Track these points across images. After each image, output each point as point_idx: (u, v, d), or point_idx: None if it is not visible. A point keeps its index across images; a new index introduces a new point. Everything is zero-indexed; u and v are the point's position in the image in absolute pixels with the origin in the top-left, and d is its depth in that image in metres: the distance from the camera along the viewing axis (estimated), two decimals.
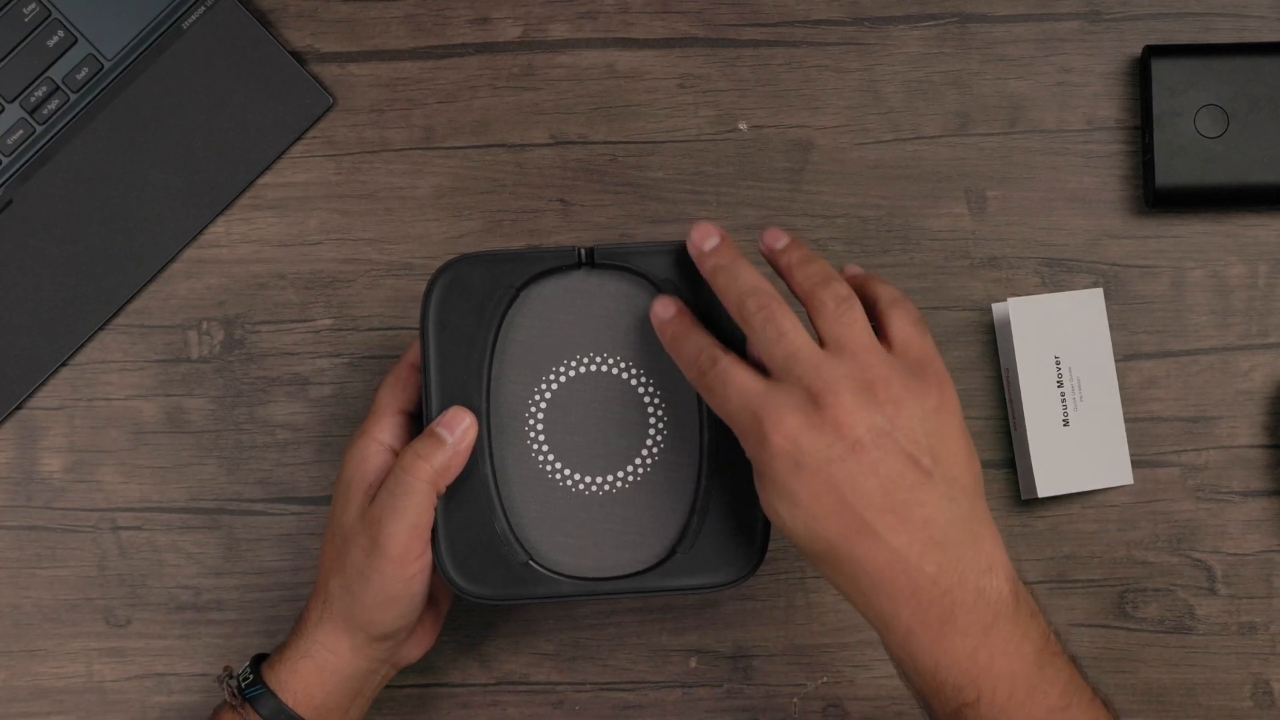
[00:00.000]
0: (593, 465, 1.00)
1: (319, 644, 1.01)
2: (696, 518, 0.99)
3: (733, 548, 0.99)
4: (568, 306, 1.00)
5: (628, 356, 1.00)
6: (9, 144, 1.13)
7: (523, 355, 1.00)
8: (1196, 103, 1.13)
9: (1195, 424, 1.14)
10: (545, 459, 0.99)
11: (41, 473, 1.14)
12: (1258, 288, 1.14)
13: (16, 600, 1.13)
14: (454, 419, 0.98)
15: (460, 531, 0.99)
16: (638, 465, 1.00)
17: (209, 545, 1.13)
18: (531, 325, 1.00)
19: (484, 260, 0.99)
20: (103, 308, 1.14)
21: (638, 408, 1.00)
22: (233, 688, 1.02)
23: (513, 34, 1.16)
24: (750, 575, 0.99)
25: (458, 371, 0.99)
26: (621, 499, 0.99)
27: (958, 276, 1.14)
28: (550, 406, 1.00)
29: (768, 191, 1.15)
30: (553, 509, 0.99)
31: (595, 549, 0.99)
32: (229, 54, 1.14)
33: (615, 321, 1.00)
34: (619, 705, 1.13)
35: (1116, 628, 1.13)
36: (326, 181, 1.15)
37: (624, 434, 1.00)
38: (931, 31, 1.16)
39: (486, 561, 0.99)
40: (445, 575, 0.99)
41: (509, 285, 0.99)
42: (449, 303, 0.99)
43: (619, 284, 1.00)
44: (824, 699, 1.13)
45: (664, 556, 0.99)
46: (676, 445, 1.00)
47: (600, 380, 1.00)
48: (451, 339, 0.99)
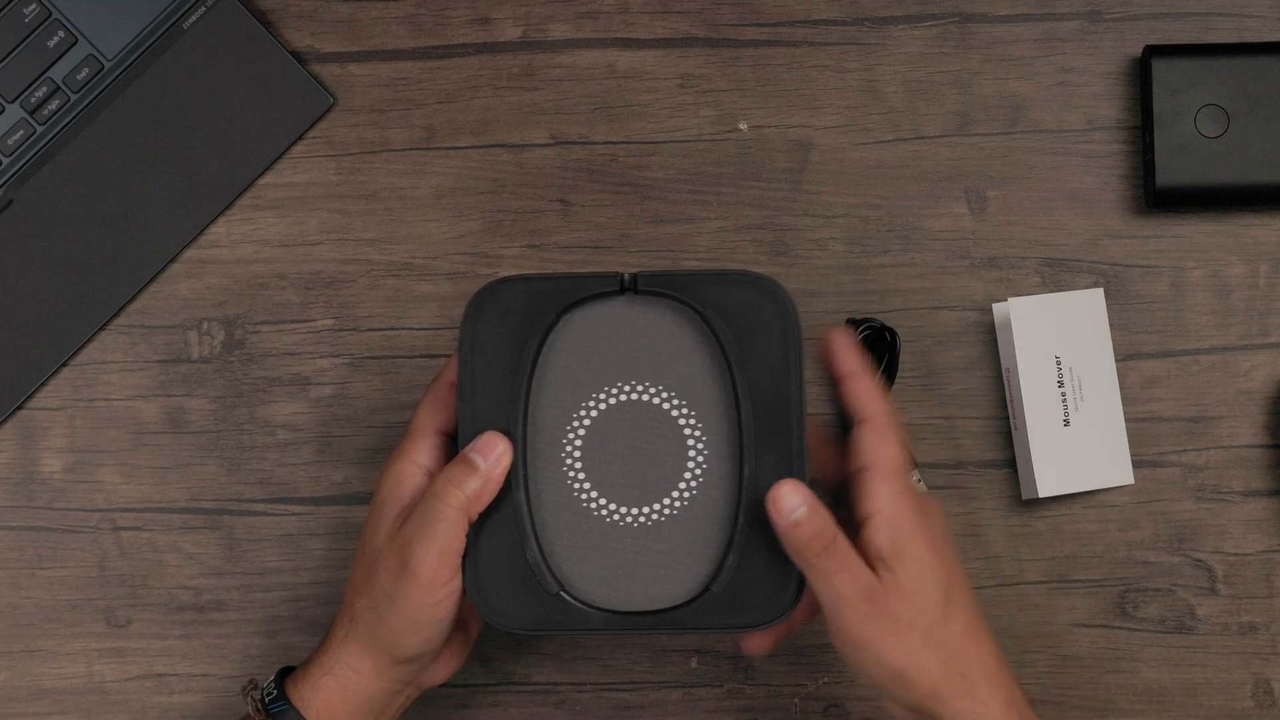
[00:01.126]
0: (629, 496, 0.97)
1: (343, 663, 1.00)
2: (733, 555, 0.96)
3: (767, 586, 0.97)
4: (609, 333, 0.98)
5: (669, 385, 0.98)
6: (9, 144, 1.13)
7: (562, 381, 0.98)
8: (1197, 103, 1.13)
9: (1196, 424, 1.14)
10: (581, 487, 0.97)
11: (42, 473, 1.14)
12: (1258, 288, 1.14)
13: (17, 600, 1.13)
14: (488, 445, 0.97)
15: (492, 558, 0.97)
16: (675, 498, 0.97)
17: (209, 545, 1.13)
18: (571, 351, 0.98)
19: (525, 283, 0.98)
20: (103, 308, 1.14)
21: (677, 439, 0.98)
22: (256, 701, 1.01)
23: (513, 34, 1.16)
24: (784, 616, 0.97)
25: (495, 395, 0.97)
26: (656, 531, 0.97)
27: (958, 276, 1.14)
28: (588, 434, 0.98)
29: (768, 191, 1.15)
30: (586, 539, 0.97)
31: (628, 581, 0.97)
32: (229, 54, 1.14)
33: (657, 350, 0.98)
34: (620, 705, 1.13)
35: (1117, 628, 1.13)
36: (327, 181, 1.15)
37: (662, 465, 0.97)
38: (932, 31, 1.16)
39: (518, 590, 0.97)
40: (475, 602, 0.97)
41: (550, 310, 0.97)
42: (488, 325, 0.97)
43: (662, 312, 0.98)
44: (825, 699, 1.13)
45: (697, 593, 0.97)
46: (715, 478, 0.97)
47: (640, 409, 0.98)
48: (490, 362, 0.97)
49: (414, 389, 1.13)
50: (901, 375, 1.13)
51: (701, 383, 0.98)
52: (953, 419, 1.13)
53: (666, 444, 0.98)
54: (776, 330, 0.97)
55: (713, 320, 0.97)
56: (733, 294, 0.97)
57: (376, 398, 1.14)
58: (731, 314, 0.97)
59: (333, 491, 1.13)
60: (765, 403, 0.97)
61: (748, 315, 0.97)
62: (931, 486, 1.13)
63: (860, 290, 1.14)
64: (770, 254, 1.14)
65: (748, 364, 0.97)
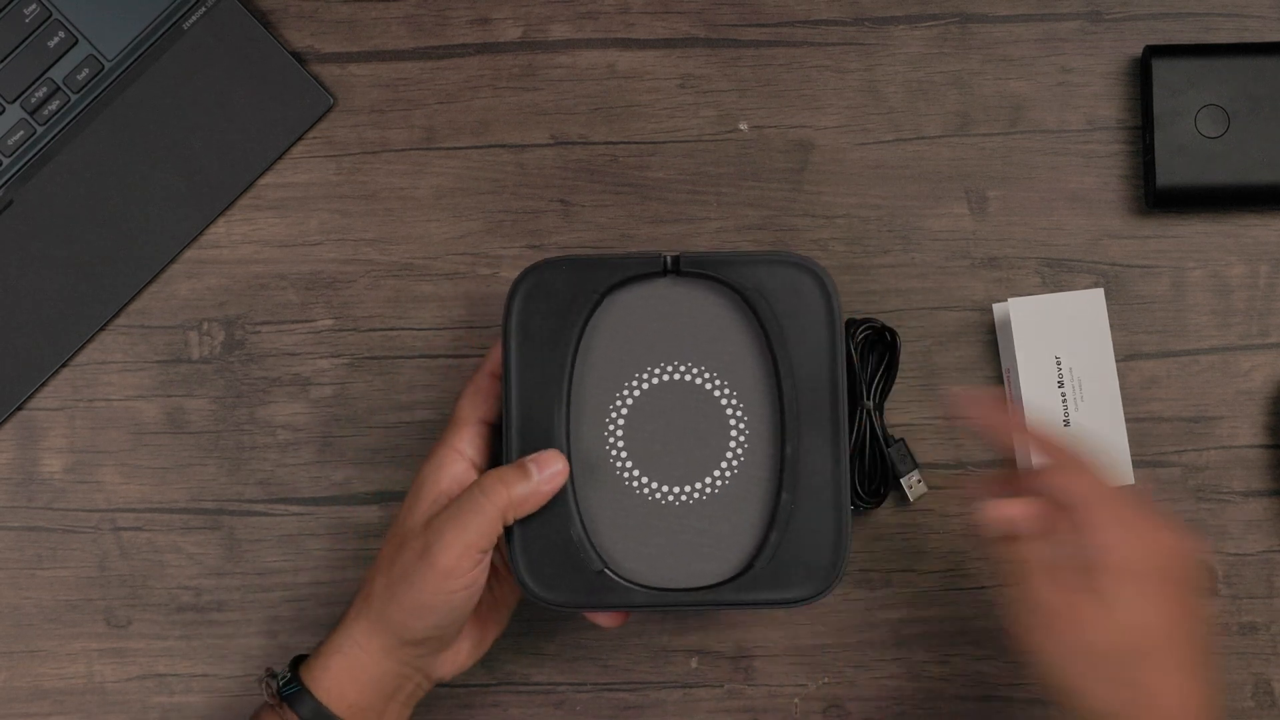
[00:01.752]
0: (672, 474, 0.99)
1: (352, 640, 1.00)
2: (776, 532, 0.98)
3: (810, 563, 0.98)
4: (652, 314, 0.99)
5: (711, 366, 0.99)
6: (9, 145, 1.13)
7: (605, 361, 0.99)
8: (1197, 103, 1.13)
9: (1196, 424, 1.14)
10: (624, 466, 0.99)
11: (42, 473, 1.14)
12: (1258, 288, 1.14)
13: (17, 601, 1.13)
14: (548, 460, 0.98)
15: (536, 535, 0.98)
16: (717, 476, 0.99)
17: (209, 546, 1.13)
18: (615, 331, 0.99)
19: (567, 265, 0.99)
20: (103, 308, 1.14)
21: (719, 418, 0.99)
22: (273, 688, 1.01)
23: (513, 34, 1.16)
24: (828, 592, 0.98)
25: (539, 375, 0.98)
26: (699, 509, 0.99)
27: (958, 276, 1.14)
28: (631, 414, 0.99)
29: (768, 191, 1.15)
30: (629, 517, 0.99)
31: (671, 559, 0.98)
32: (229, 54, 1.14)
33: (699, 330, 0.99)
34: (620, 705, 1.13)
35: None
36: (327, 182, 1.15)
37: (704, 444, 0.99)
38: (932, 31, 1.16)
39: (561, 567, 0.98)
40: (518, 578, 0.98)
41: (593, 290, 0.98)
42: (531, 307, 0.99)
43: (705, 293, 0.99)
44: (825, 699, 1.13)
45: (740, 570, 0.98)
46: (756, 457, 0.99)
47: (682, 389, 0.99)
48: (534, 343, 0.98)
49: (414, 389, 1.14)
50: (901, 375, 1.13)
51: (743, 363, 0.99)
52: (953, 419, 1.13)
53: (709, 423, 0.99)
54: (818, 311, 0.99)
55: (755, 301, 0.99)
56: (775, 275, 0.99)
57: (376, 398, 1.14)
58: (773, 295, 0.99)
59: (333, 491, 1.13)
60: (807, 382, 0.99)
61: (790, 296, 0.98)
62: (931, 487, 1.13)
63: (860, 290, 1.14)
64: None
65: (789, 344, 0.99)
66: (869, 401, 1.11)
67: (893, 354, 1.12)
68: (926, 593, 1.13)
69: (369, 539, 1.13)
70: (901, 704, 1.12)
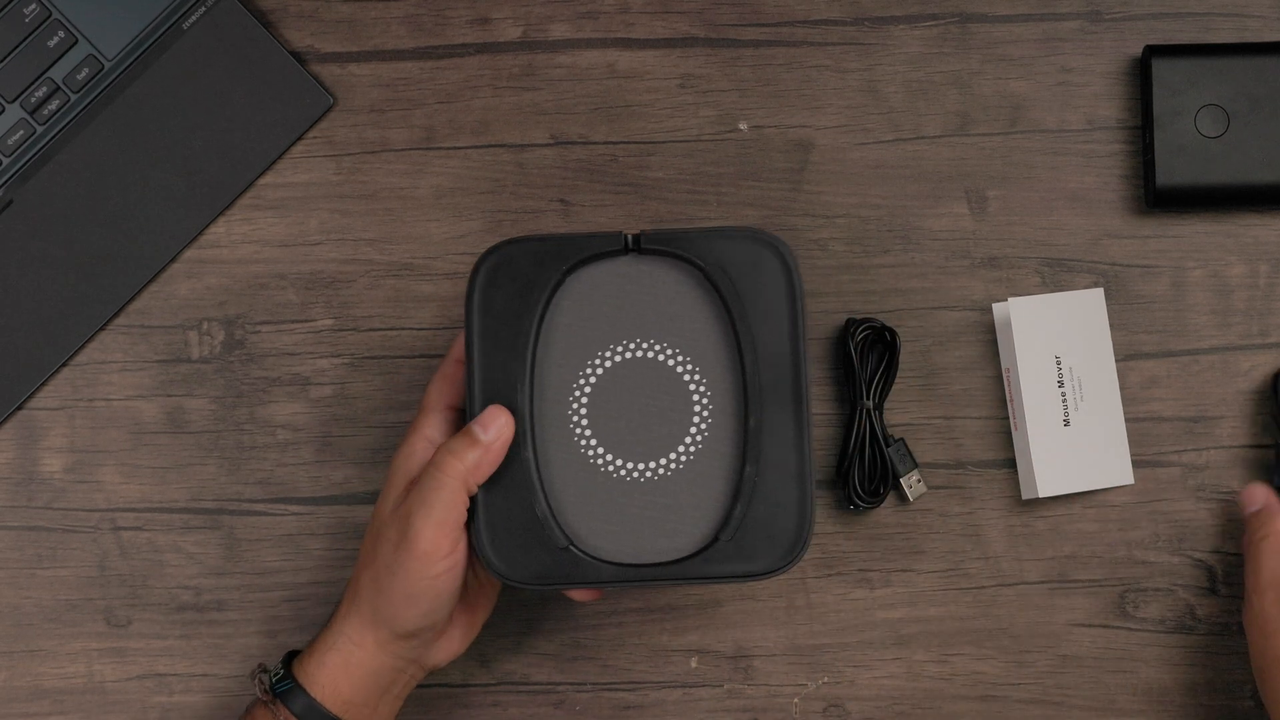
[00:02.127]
0: (636, 451, 0.99)
1: (345, 636, 1.00)
2: (740, 505, 0.98)
3: (775, 535, 0.98)
4: (614, 291, 0.99)
5: (674, 342, 0.99)
6: (9, 144, 1.13)
7: (568, 340, 0.99)
8: (1197, 103, 1.13)
9: (1196, 424, 1.13)
10: (588, 444, 0.99)
11: (42, 473, 1.14)
12: (1258, 288, 1.14)
13: (17, 600, 1.13)
14: (490, 418, 0.98)
15: (500, 515, 0.98)
16: (681, 452, 0.99)
17: (209, 545, 1.13)
18: (577, 309, 0.99)
19: (530, 244, 0.99)
20: (103, 308, 1.14)
21: (682, 394, 0.99)
22: (265, 683, 1.01)
23: (513, 34, 1.16)
24: (793, 563, 0.98)
25: (502, 355, 0.98)
26: (664, 485, 0.99)
27: (958, 276, 1.14)
28: (594, 391, 0.99)
29: (768, 191, 1.15)
30: (594, 494, 0.99)
31: (636, 535, 0.99)
32: (229, 54, 1.14)
33: (662, 307, 0.99)
34: (619, 705, 1.13)
35: (1117, 628, 1.13)
36: (327, 182, 1.15)
37: (668, 420, 0.99)
38: (932, 31, 1.16)
39: (526, 545, 0.98)
40: (483, 557, 0.98)
41: (555, 269, 0.99)
42: (494, 286, 0.99)
43: (666, 270, 0.99)
44: (824, 699, 1.13)
45: (706, 544, 0.99)
46: (720, 432, 0.99)
47: (645, 366, 0.99)
48: (496, 322, 0.99)
49: (414, 389, 1.14)
50: (901, 375, 1.13)
51: (705, 339, 0.99)
52: (953, 419, 1.13)
53: (672, 400, 0.99)
54: (779, 284, 0.99)
55: (715, 276, 0.99)
56: (736, 250, 0.99)
57: (376, 398, 1.14)
58: (734, 270, 0.99)
59: (333, 491, 1.13)
60: (769, 356, 0.99)
61: (751, 271, 0.98)
62: (932, 487, 1.13)
63: (860, 290, 1.14)
64: None
65: (750, 318, 0.99)
66: (869, 401, 1.11)
67: (893, 354, 1.12)
68: (926, 593, 1.13)
69: None
70: (901, 704, 1.12)
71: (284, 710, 1.00)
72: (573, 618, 1.13)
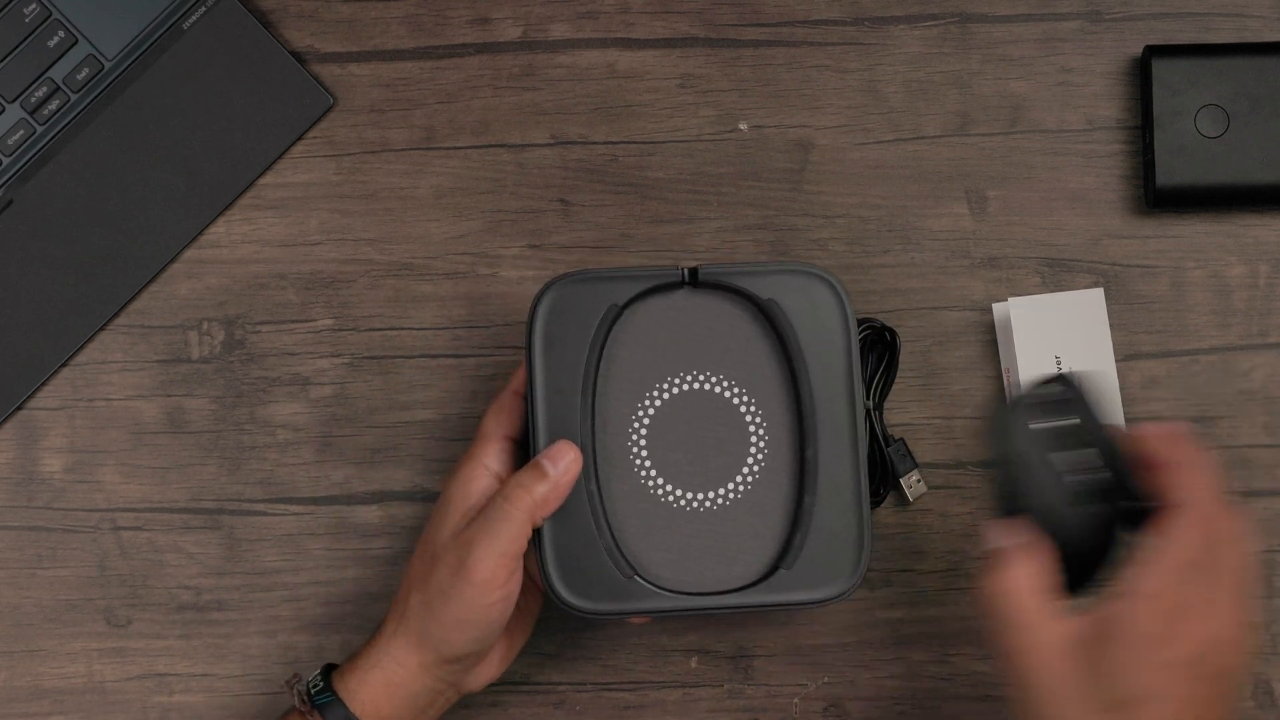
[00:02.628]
0: (694, 481, 1.01)
1: (390, 657, 1.01)
2: (799, 534, 1.00)
3: (834, 563, 1.01)
4: (671, 325, 1.01)
5: (730, 374, 1.01)
6: (9, 144, 1.13)
7: (626, 372, 1.01)
8: (1197, 103, 1.13)
9: (1195, 424, 1.13)
10: (648, 475, 1.01)
11: (42, 473, 1.14)
12: (1258, 288, 1.14)
13: (17, 600, 1.13)
14: (560, 453, 0.99)
15: (566, 546, 1.00)
16: (739, 482, 1.01)
17: (209, 545, 1.13)
18: (635, 343, 1.01)
19: (587, 279, 1.01)
20: (103, 308, 1.14)
21: (739, 425, 1.01)
22: (302, 693, 1.02)
23: (513, 34, 1.16)
24: (853, 590, 1.01)
25: (562, 388, 1.00)
26: (723, 515, 1.01)
27: (958, 276, 1.14)
28: (653, 423, 1.01)
29: (768, 191, 1.15)
30: (655, 524, 1.01)
31: (697, 564, 1.01)
32: (229, 54, 1.14)
33: (717, 340, 1.01)
34: (620, 705, 1.13)
35: None
36: (327, 181, 1.15)
37: (726, 451, 1.01)
38: (932, 31, 1.16)
39: (592, 576, 1.00)
40: (550, 588, 1.00)
41: (613, 304, 1.01)
42: (554, 321, 1.01)
43: (721, 303, 1.02)
44: (825, 699, 1.13)
45: (766, 572, 1.01)
46: (776, 463, 1.01)
47: (702, 398, 1.01)
48: (556, 356, 1.00)
49: (414, 389, 1.14)
50: (901, 375, 1.13)
51: (760, 371, 1.01)
52: (953, 419, 1.13)
53: (729, 431, 1.01)
54: (833, 318, 1.02)
55: (770, 310, 1.01)
56: (789, 284, 1.01)
57: (376, 398, 1.14)
58: (788, 304, 1.01)
59: (333, 491, 1.13)
60: (824, 386, 1.01)
61: (804, 304, 1.01)
62: (931, 487, 1.13)
63: (860, 290, 1.14)
64: (771, 254, 1.14)
65: (805, 351, 1.01)
66: (869, 401, 1.11)
67: (893, 354, 1.12)
68: (926, 593, 1.13)
69: (369, 539, 1.13)
70: (901, 704, 1.12)
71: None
72: (573, 618, 1.13)
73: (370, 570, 1.13)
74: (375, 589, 1.13)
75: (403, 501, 1.13)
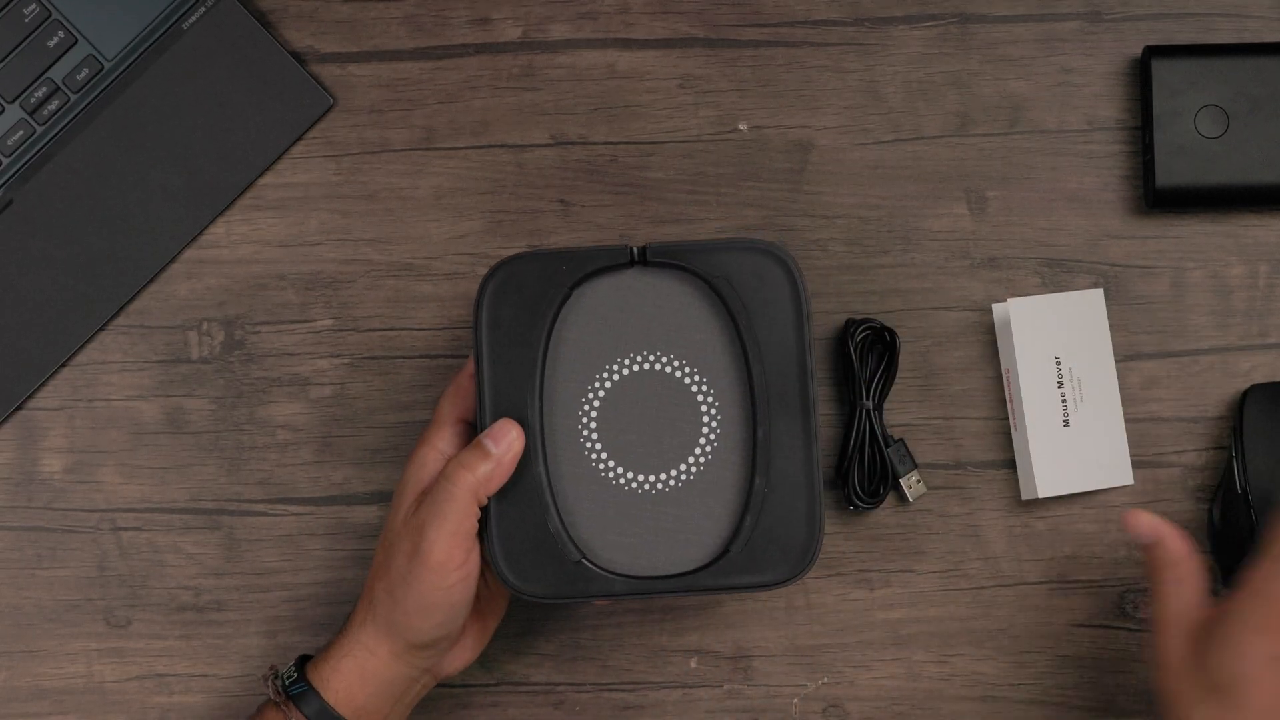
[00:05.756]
0: (646, 463, 1.00)
1: (361, 645, 1.01)
2: (750, 516, 0.99)
3: (786, 546, 0.99)
4: (621, 305, 1.00)
5: (681, 354, 1.00)
6: (9, 144, 1.13)
7: (576, 353, 1.00)
8: (1196, 103, 1.13)
9: (1195, 424, 1.13)
10: (599, 457, 1.00)
11: (42, 473, 1.14)
12: (1258, 288, 1.14)
13: (17, 600, 1.13)
14: (501, 431, 0.98)
15: (514, 529, 0.99)
16: (690, 464, 1.00)
17: (209, 546, 1.13)
18: (585, 323, 1.00)
19: (536, 259, 1.00)
20: (103, 308, 1.14)
21: (691, 406, 1.00)
22: (277, 685, 1.02)
23: (513, 34, 1.16)
24: (804, 573, 0.99)
25: (511, 370, 0.99)
26: (674, 497, 1.00)
27: (958, 276, 1.14)
28: (604, 405, 1.00)
29: (768, 191, 1.15)
30: (605, 507, 0.99)
31: (648, 548, 0.99)
32: (229, 54, 1.14)
33: (668, 319, 1.00)
34: (619, 705, 1.13)
35: (1117, 628, 1.13)
36: (327, 182, 1.15)
37: (677, 432, 1.00)
38: (931, 32, 1.16)
39: (539, 559, 0.99)
40: (498, 572, 0.99)
41: (562, 284, 0.99)
42: (502, 301, 0.99)
43: (672, 282, 1.00)
44: (824, 699, 1.13)
45: (717, 555, 0.99)
46: (729, 444, 1.00)
47: (654, 378, 1.00)
48: (504, 337, 0.99)
49: (414, 389, 1.14)
50: (901, 375, 1.13)
51: (712, 350, 1.00)
52: (953, 419, 1.13)
53: (681, 411, 1.00)
54: (785, 295, 1.00)
55: (721, 288, 0.99)
56: (741, 262, 0.99)
57: (376, 398, 1.14)
58: (740, 281, 0.99)
59: (332, 491, 1.13)
60: (776, 366, 0.99)
61: (757, 282, 0.99)
62: (931, 487, 1.13)
63: (860, 290, 1.14)
64: None
65: (757, 329, 0.99)
66: (868, 401, 1.11)
67: (892, 354, 1.12)
68: (926, 593, 1.13)
69: (368, 539, 1.13)
70: (901, 704, 1.12)
71: (296, 712, 1.00)
72: (572, 618, 1.13)
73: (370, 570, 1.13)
74: None
75: None
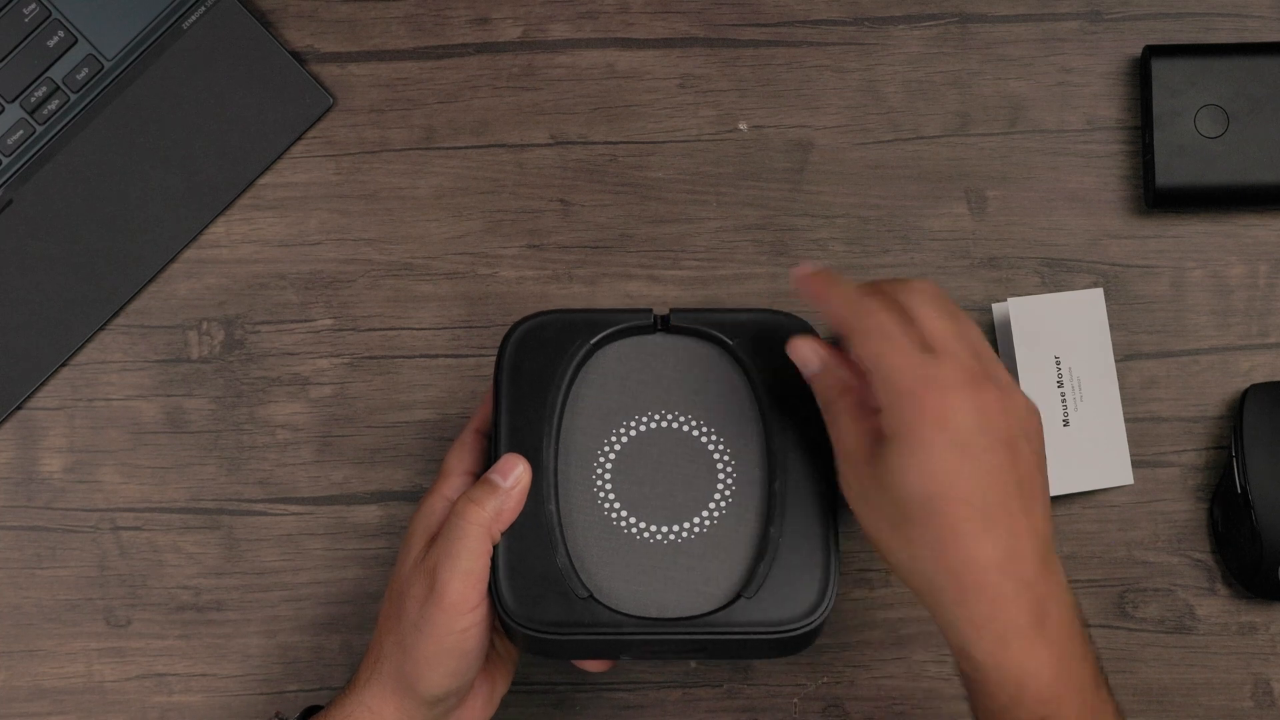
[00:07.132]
0: (659, 515, 0.99)
1: (364, 706, 0.98)
2: (763, 564, 0.98)
3: (799, 595, 0.98)
4: (642, 365, 1.01)
5: (698, 414, 1.00)
6: (9, 144, 1.13)
7: (594, 408, 1.00)
8: (1196, 103, 1.13)
9: (1195, 424, 1.13)
10: (612, 506, 0.99)
11: (41, 473, 1.14)
12: (1258, 288, 1.14)
13: (16, 600, 1.13)
14: (508, 465, 0.97)
15: (521, 564, 0.97)
16: (704, 517, 0.99)
17: (209, 545, 1.13)
18: (604, 381, 1.00)
19: (561, 316, 1.01)
20: (103, 308, 1.14)
21: (707, 463, 1.00)
22: None
23: (513, 34, 1.16)
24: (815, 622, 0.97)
25: (528, 419, 0.99)
26: (686, 548, 0.99)
27: (958, 276, 1.14)
28: (619, 457, 1.00)
29: (768, 191, 1.15)
30: (616, 553, 0.98)
31: (659, 594, 0.98)
32: (229, 54, 1.14)
33: (688, 382, 1.01)
34: (619, 705, 1.13)
35: (1116, 628, 1.13)
36: (326, 181, 1.15)
37: (692, 487, 0.99)
38: (931, 31, 1.16)
39: (545, 594, 0.97)
40: (499, 603, 0.97)
41: (584, 342, 1.00)
42: (524, 354, 1.00)
43: (693, 346, 1.01)
44: (824, 699, 1.13)
45: (728, 601, 0.98)
46: (745, 500, 0.99)
47: (670, 436, 1.00)
48: (524, 388, 1.00)
49: (414, 389, 1.14)
50: None
51: (731, 411, 1.00)
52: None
53: (696, 468, 1.00)
54: None
55: (740, 354, 1.00)
56: (761, 329, 1.00)
57: (376, 398, 1.14)
58: (760, 347, 1.00)
59: (333, 491, 1.13)
60: (794, 424, 0.99)
61: (776, 348, 0.99)
62: None
63: None
64: (770, 254, 1.14)
65: (776, 392, 1.00)
66: None
67: None
68: None
69: (368, 539, 1.13)
70: (901, 704, 1.12)
71: None
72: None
73: (370, 570, 1.13)
74: (375, 589, 1.13)
75: (402, 501, 1.13)
